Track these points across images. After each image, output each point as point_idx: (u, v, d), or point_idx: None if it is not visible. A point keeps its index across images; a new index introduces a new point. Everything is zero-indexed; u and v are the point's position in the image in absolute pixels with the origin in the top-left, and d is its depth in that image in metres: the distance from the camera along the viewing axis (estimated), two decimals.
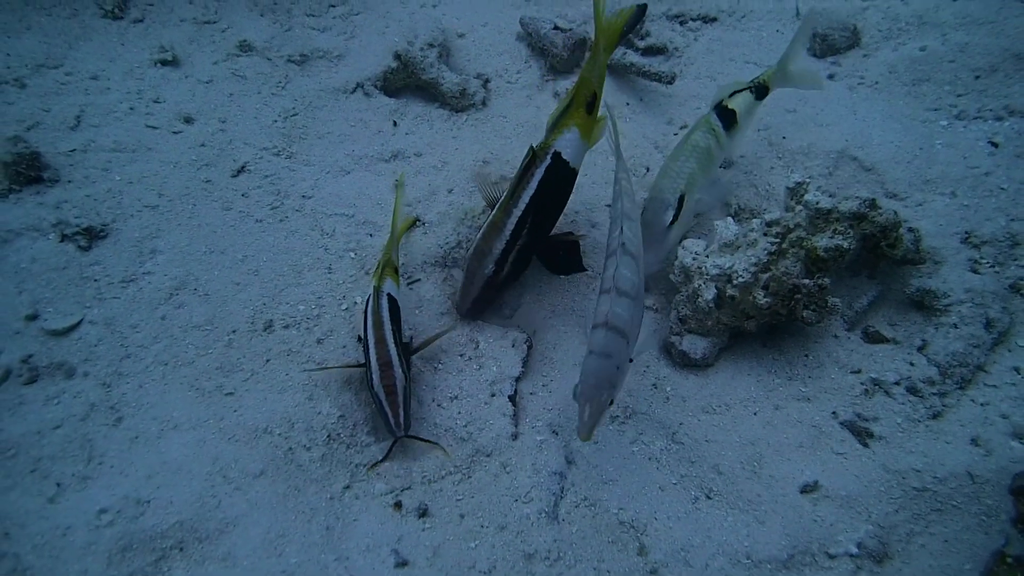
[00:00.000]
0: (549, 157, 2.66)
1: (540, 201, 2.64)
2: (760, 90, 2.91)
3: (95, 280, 2.64)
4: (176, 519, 2.12)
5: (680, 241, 2.74)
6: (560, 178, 2.69)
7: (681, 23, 4.10)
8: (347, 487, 2.35)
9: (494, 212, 2.68)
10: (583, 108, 2.67)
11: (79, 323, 2.53)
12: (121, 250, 2.73)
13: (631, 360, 2.19)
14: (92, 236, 2.72)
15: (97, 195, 2.83)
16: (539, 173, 2.64)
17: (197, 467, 2.25)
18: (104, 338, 2.51)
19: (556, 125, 2.71)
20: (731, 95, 2.90)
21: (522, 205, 2.63)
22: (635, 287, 2.21)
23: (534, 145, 2.68)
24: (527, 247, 2.67)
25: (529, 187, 2.64)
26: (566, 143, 2.66)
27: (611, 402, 2.10)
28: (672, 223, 2.66)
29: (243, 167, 3.10)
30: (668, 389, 2.71)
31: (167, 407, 2.41)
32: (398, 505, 2.30)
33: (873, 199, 2.68)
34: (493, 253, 2.64)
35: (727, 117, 2.83)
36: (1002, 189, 2.96)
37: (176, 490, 2.19)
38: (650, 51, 3.90)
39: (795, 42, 2.96)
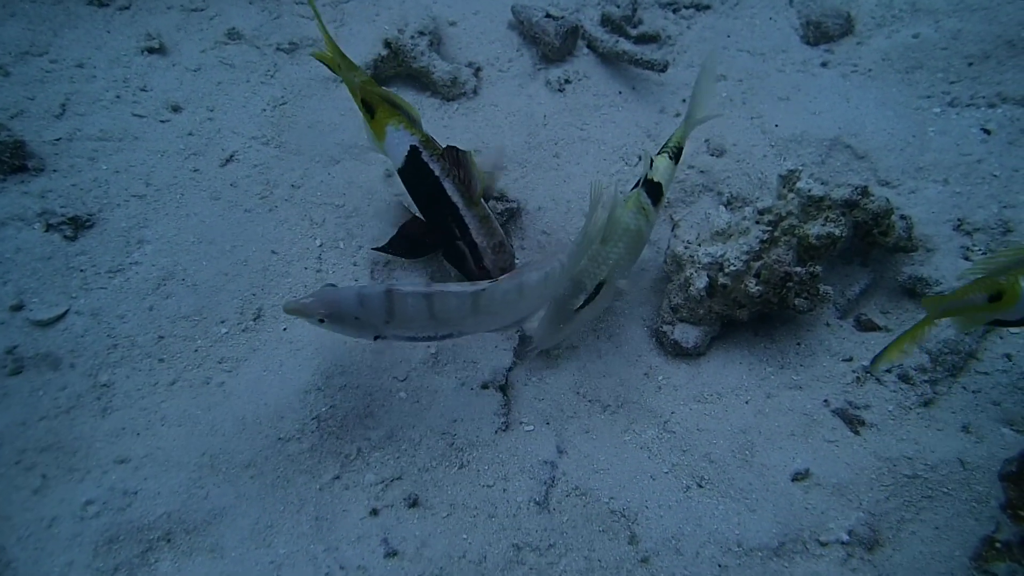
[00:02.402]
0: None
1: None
2: (677, 153, 2.75)
3: (81, 270, 2.61)
4: (163, 510, 2.11)
5: (588, 323, 2.64)
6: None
7: (674, 11, 4.07)
8: (336, 477, 2.34)
9: (468, 210, 2.56)
10: None
11: (65, 313, 2.51)
12: (108, 240, 2.70)
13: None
14: (78, 226, 2.69)
15: (83, 184, 2.80)
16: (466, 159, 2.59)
17: (185, 458, 2.24)
18: (90, 329, 2.49)
19: (405, 119, 2.63)
20: (651, 165, 2.68)
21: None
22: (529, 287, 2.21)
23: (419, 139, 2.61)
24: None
25: (475, 177, 2.60)
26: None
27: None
28: (582, 308, 2.48)
29: (232, 156, 3.07)
30: (660, 378, 2.70)
31: (155, 398, 2.39)
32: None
33: (865, 187, 2.67)
34: (505, 241, 2.63)
35: (654, 191, 2.64)
36: (994, 176, 2.95)
37: (163, 481, 2.17)
38: (643, 39, 3.86)
39: (697, 94, 2.80)
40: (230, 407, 2.39)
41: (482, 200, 2.64)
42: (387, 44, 3.49)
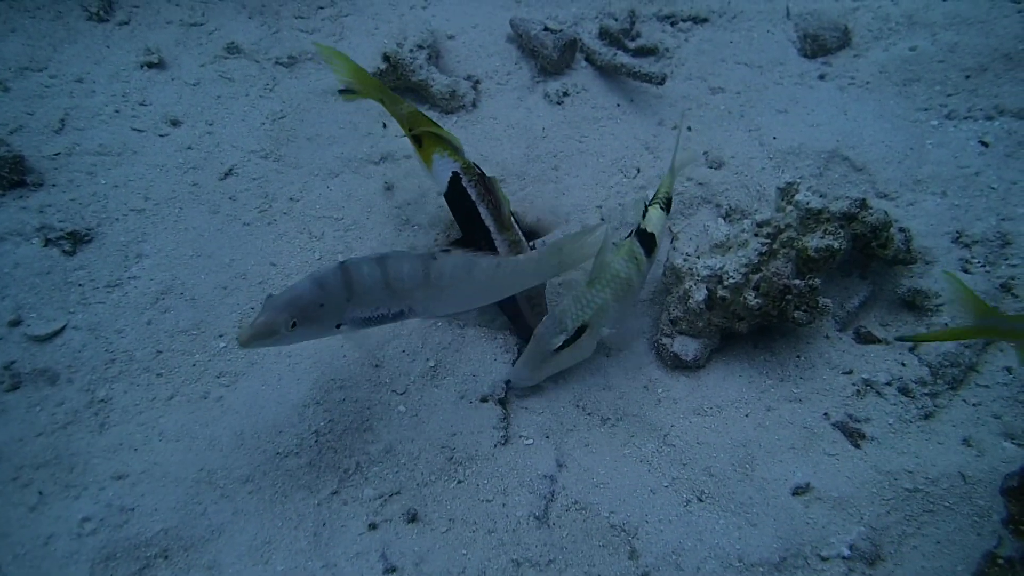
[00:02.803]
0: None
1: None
2: (667, 203, 2.78)
3: (79, 285, 2.60)
4: (161, 527, 2.09)
5: (566, 365, 2.61)
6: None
7: (672, 24, 4.09)
8: (335, 492, 2.32)
9: (500, 235, 2.64)
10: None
11: (63, 329, 2.50)
12: (106, 254, 2.70)
13: None
14: (77, 240, 2.69)
15: (82, 199, 2.80)
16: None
17: (183, 473, 2.23)
18: (88, 344, 2.48)
19: (448, 147, 2.73)
20: (644, 215, 2.71)
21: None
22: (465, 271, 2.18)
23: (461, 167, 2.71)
24: None
25: (505, 203, 2.67)
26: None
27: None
28: (561, 348, 2.47)
29: (230, 170, 3.07)
30: (660, 391, 2.69)
31: (152, 413, 2.38)
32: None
33: (863, 199, 2.67)
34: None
35: (647, 241, 2.66)
36: (992, 189, 2.96)
37: (161, 497, 2.16)
38: (641, 52, 3.88)
39: (679, 148, 2.88)
40: (228, 422, 2.38)
41: (515, 226, 2.69)
42: (386, 58, 3.50)
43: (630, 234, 2.67)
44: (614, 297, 2.53)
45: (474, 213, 2.67)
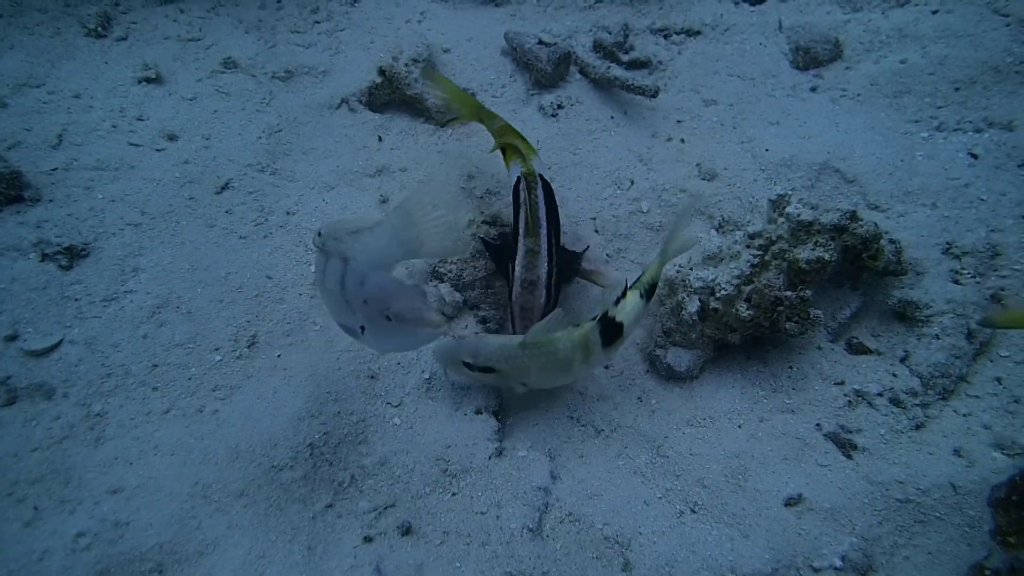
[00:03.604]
0: (539, 179, 2.75)
1: (553, 220, 2.72)
2: (650, 290, 2.50)
3: (76, 299, 2.62)
4: (155, 541, 2.10)
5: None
6: (552, 196, 2.80)
7: (665, 36, 4.13)
8: (329, 505, 2.33)
9: (523, 239, 2.64)
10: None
11: (59, 343, 2.52)
12: (103, 269, 2.72)
13: None
14: (73, 255, 2.71)
15: (79, 214, 2.82)
16: (542, 194, 2.71)
17: (177, 488, 2.24)
18: (84, 358, 2.50)
19: (519, 154, 2.84)
20: (617, 301, 2.41)
21: (546, 226, 2.66)
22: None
23: (523, 171, 2.78)
24: (560, 269, 2.71)
25: (541, 208, 2.68)
26: (539, 167, 2.82)
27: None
28: (469, 368, 2.42)
29: (227, 184, 3.10)
30: (653, 402, 2.71)
31: (148, 427, 2.39)
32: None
33: (854, 211, 2.70)
34: (541, 281, 2.60)
35: (611, 331, 2.38)
36: (982, 200, 2.99)
37: (156, 512, 2.17)
38: (634, 64, 3.92)
39: (674, 233, 2.54)
40: (223, 435, 2.39)
41: (542, 235, 2.65)
42: (381, 71, 3.54)
43: (595, 317, 2.38)
44: (538, 368, 2.37)
45: (516, 215, 2.75)
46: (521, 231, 2.66)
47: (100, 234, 2.80)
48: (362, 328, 1.97)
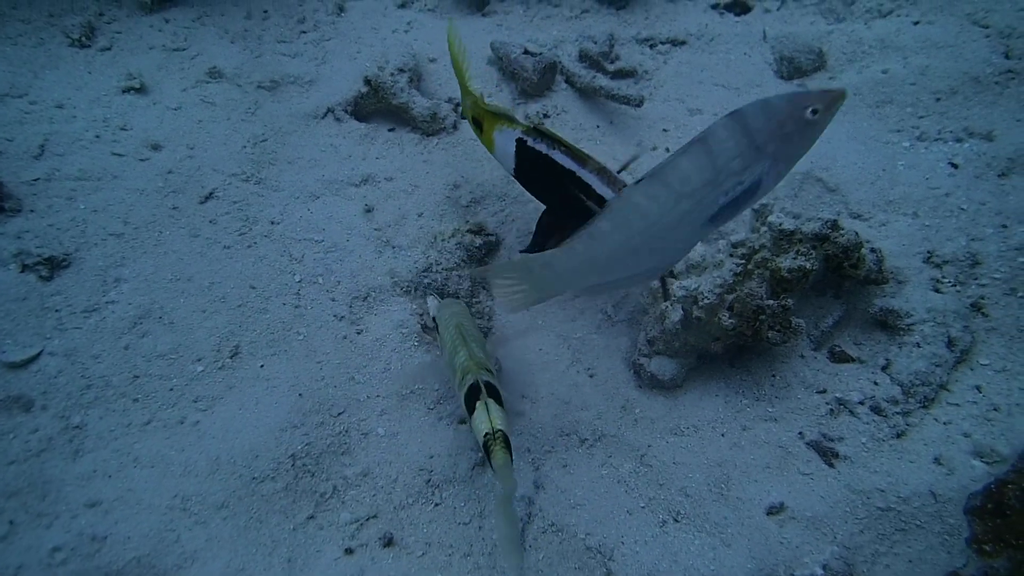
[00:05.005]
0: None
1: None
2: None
3: (56, 310, 2.61)
4: (133, 555, 2.08)
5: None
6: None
7: (651, 46, 4.16)
8: (311, 517, 2.32)
9: (584, 169, 2.61)
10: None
11: (38, 355, 2.50)
12: (84, 279, 2.71)
13: None
14: (54, 266, 2.70)
15: (60, 224, 2.81)
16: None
17: (157, 500, 2.22)
18: (64, 369, 2.48)
19: (503, 118, 2.79)
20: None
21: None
22: None
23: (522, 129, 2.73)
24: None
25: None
26: None
27: None
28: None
29: (211, 193, 3.09)
30: (637, 411, 2.71)
31: (128, 439, 2.38)
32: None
33: (835, 220, 2.72)
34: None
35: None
36: (962, 209, 3.01)
37: (134, 525, 2.15)
38: (619, 74, 3.94)
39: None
40: (204, 447, 2.38)
41: (595, 159, 2.66)
42: (367, 81, 3.55)
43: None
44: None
45: (550, 164, 2.64)
46: (574, 166, 2.60)
47: (82, 244, 2.78)
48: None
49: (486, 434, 2.02)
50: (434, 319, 2.63)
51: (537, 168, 2.70)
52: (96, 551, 2.08)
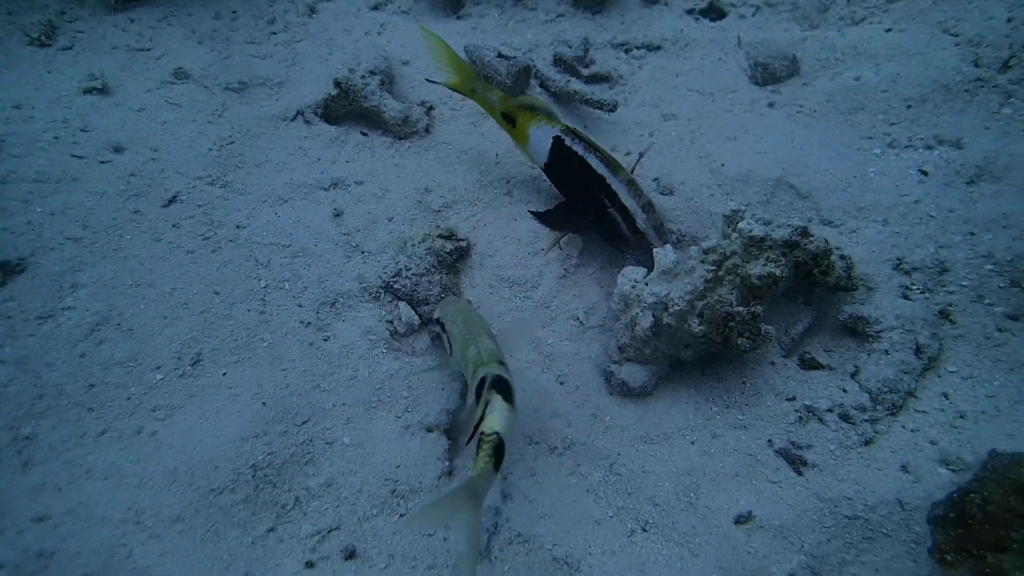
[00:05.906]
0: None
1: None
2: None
3: (8, 317, 2.52)
4: (82, 572, 2.01)
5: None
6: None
7: (626, 51, 4.15)
8: (271, 529, 2.27)
9: (615, 178, 2.88)
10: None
11: None
12: (39, 285, 2.63)
13: None
14: (7, 271, 2.61)
15: (15, 228, 2.73)
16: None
17: (109, 514, 2.15)
18: (15, 378, 2.40)
19: (542, 115, 3.01)
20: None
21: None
22: None
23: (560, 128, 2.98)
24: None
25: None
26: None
27: None
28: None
29: (175, 197, 3.02)
30: (607, 419, 2.68)
31: (81, 450, 2.30)
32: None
33: (805, 227, 2.71)
34: (653, 202, 2.93)
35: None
36: (931, 217, 3.02)
37: (84, 540, 2.08)
38: (594, 79, 3.93)
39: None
40: (161, 458, 2.31)
41: (627, 170, 2.91)
42: (337, 84, 3.49)
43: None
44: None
45: (584, 166, 2.85)
46: (606, 173, 2.87)
47: (37, 249, 2.70)
48: None
49: (483, 434, 1.99)
50: (437, 319, 2.60)
51: (569, 166, 2.90)
52: (43, 568, 2.00)
